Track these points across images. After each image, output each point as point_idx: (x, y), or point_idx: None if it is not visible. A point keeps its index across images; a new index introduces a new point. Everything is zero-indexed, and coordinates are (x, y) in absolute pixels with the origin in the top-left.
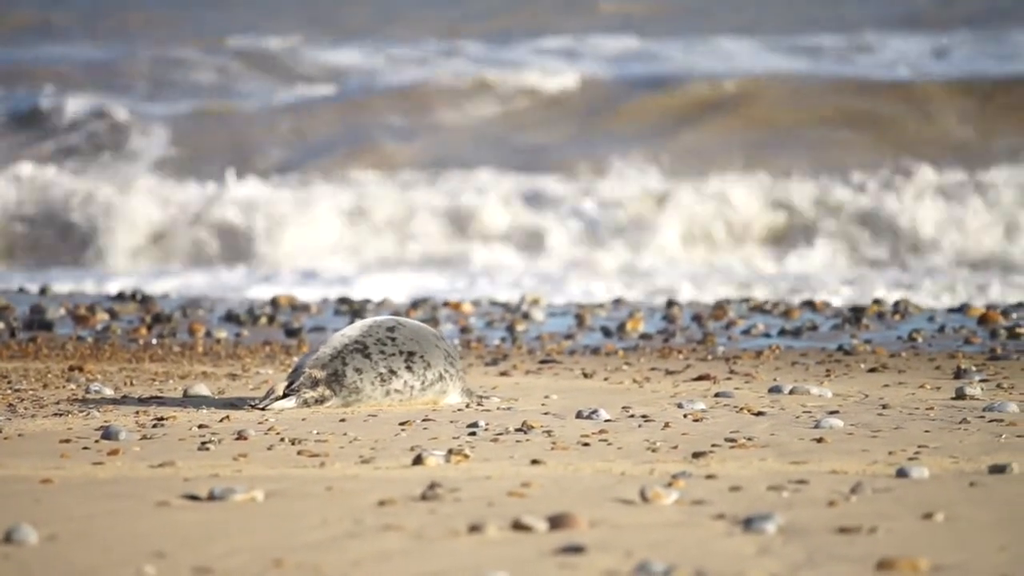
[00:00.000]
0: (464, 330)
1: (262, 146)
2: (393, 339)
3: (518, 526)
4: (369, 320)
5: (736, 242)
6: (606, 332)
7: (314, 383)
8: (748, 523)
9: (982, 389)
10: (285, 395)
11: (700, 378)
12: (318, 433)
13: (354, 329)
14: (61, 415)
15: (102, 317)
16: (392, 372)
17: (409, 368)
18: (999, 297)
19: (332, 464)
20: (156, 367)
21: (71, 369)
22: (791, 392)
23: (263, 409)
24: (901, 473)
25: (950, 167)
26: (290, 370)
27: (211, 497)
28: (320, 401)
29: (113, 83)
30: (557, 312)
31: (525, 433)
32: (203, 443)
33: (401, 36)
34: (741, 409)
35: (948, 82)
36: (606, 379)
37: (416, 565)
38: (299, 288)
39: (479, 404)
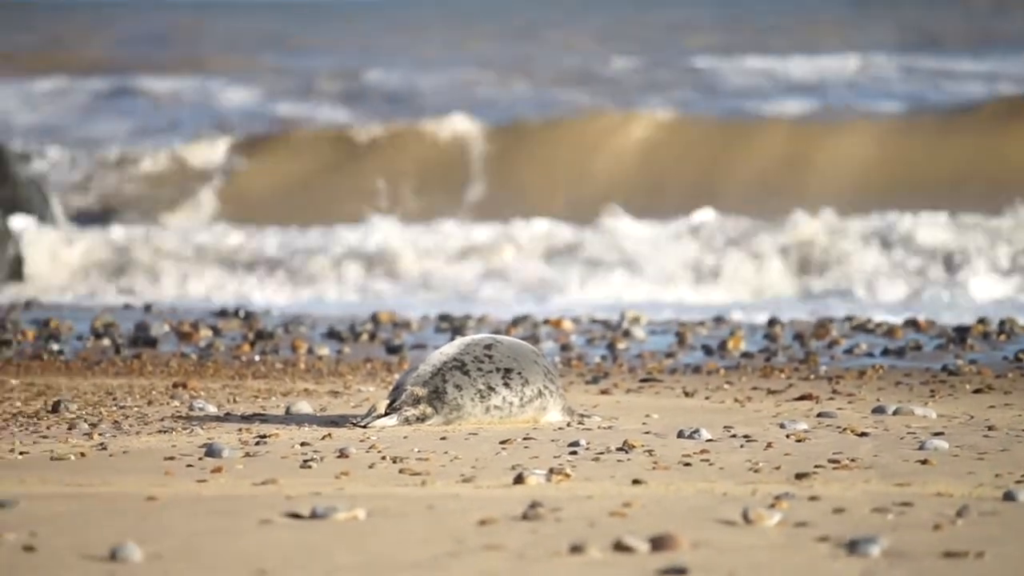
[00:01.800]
0: (564, 347)
1: None
2: (490, 356)
3: (620, 547)
4: (467, 338)
5: None
6: (707, 350)
7: (416, 401)
8: (852, 546)
9: None
10: (386, 413)
11: (802, 398)
12: (419, 451)
13: (452, 347)
14: (165, 432)
15: (205, 334)
16: (491, 388)
17: (507, 384)
18: None
19: (433, 482)
20: (259, 384)
21: (175, 386)
22: (895, 413)
23: (365, 427)
24: (1008, 496)
25: None
26: (391, 388)
27: (313, 515)
28: (421, 419)
29: None
30: (658, 330)
31: (626, 452)
32: (305, 461)
33: None
34: (844, 430)
35: None
36: (707, 398)
37: None
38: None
39: (580, 422)
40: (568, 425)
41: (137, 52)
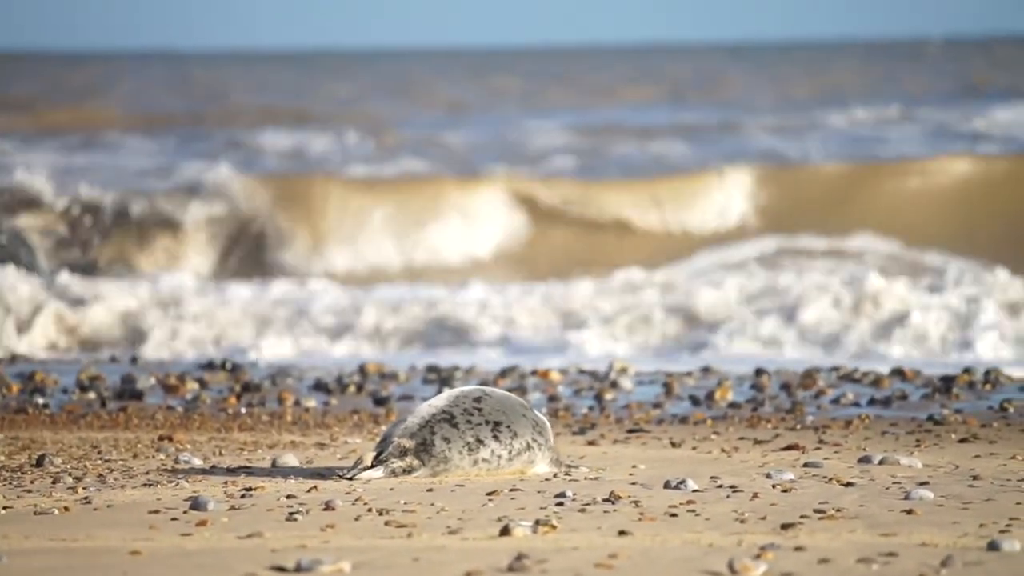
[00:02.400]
0: (552, 398)
1: None
2: (479, 409)
3: None
4: (456, 390)
5: None
6: (695, 401)
7: (403, 453)
8: None
9: None
10: (373, 465)
11: (789, 448)
12: (405, 503)
13: (441, 399)
14: (150, 485)
15: (192, 386)
16: (479, 441)
17: (496, 438)
18: None
19: (419, 535)
20: (245, 436)
21: (161, 439)
22: (881, 462)
23: (351, 479)
24: (992, 546)
25: None
26: (378, 439)
27: (298, 568)
28: (408, 471)
29: None
30: (645, 380)
31: (613, 503)
32: (291, 513)
33: None
34: (830, 480)
35: None
36: (694, 448)
37: None
38: None
39: (567, 474)
40: (555, 476)
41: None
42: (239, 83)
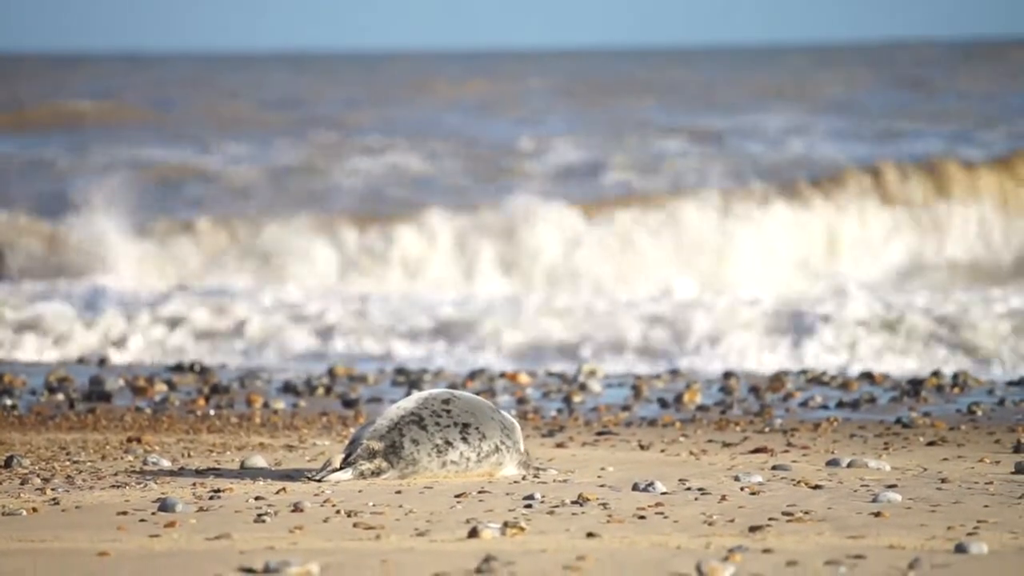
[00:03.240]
0: (521, 401)
1: None
2: (448, 411)
3: None
4: (424, 392)
5: None
6: (663, 403)
7: (371, 455)
8: None
9: None
10: (342, 467)
11: (757, 450)
12: (374, 505)
13: (409, 401)
14: (119, 487)
15: (160, 388)
16: (448, 443)
17: (465, 440)
18: None
19: (387, 537)
20: (214, 438)
21: (129, 440)
22: (849, 465)
23: (320, 480)
24: (960, 549)
25: None
26: (347, 441)
27: (266, 570)
28: (377, 473)
29: None
30: (614, 383)
31: (581, 505)
32: (259, 515)
33: None
34: (798, 482)
35: None
36: (663, 451)
37: None
38: None
39: (535, 476)
40: (524, 479)
41: None
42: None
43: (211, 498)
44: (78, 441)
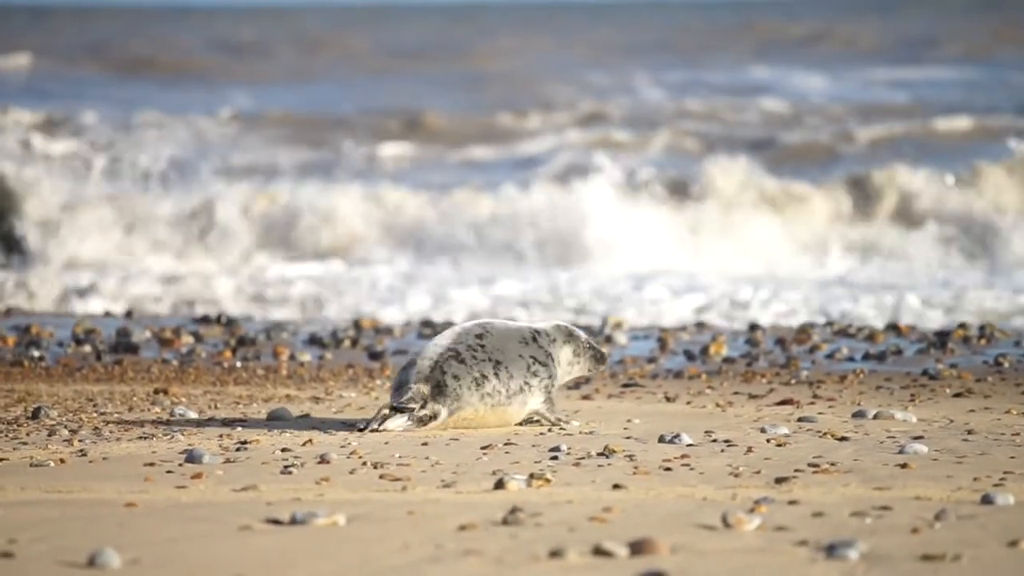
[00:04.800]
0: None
1: None
2: (483, 346)
3: (599, 551)
4: (458, 327)
5: None
6: (689, 356)
7: (423, 399)
8: (831, 550)
9: None
10: (393, 409)
11: (783, 402)
12: (400, 457)
13: (444, 337)
14: (146, 438)
15: (187, 340)
16: (484, 376)
17: (496, 375)
18: None
19: (414, 488)
20: (240, 390)
21: (156, 392)
22: (875, 417)
23: (379, 430)
24: (986, 500)
25: None
26: (392, 387)
27: (293, 521)
28: (433, 417)
29: None
30: (640, 335)
31: (607, 457)
32: (286, 467)
33: None
34: (824, 434)
35: None
36: (689, 403)
37: None
38: None
39: (558, 423)
40: (549, 430)
41: None
42: None
43: (238, 450)
44: (105, 392)
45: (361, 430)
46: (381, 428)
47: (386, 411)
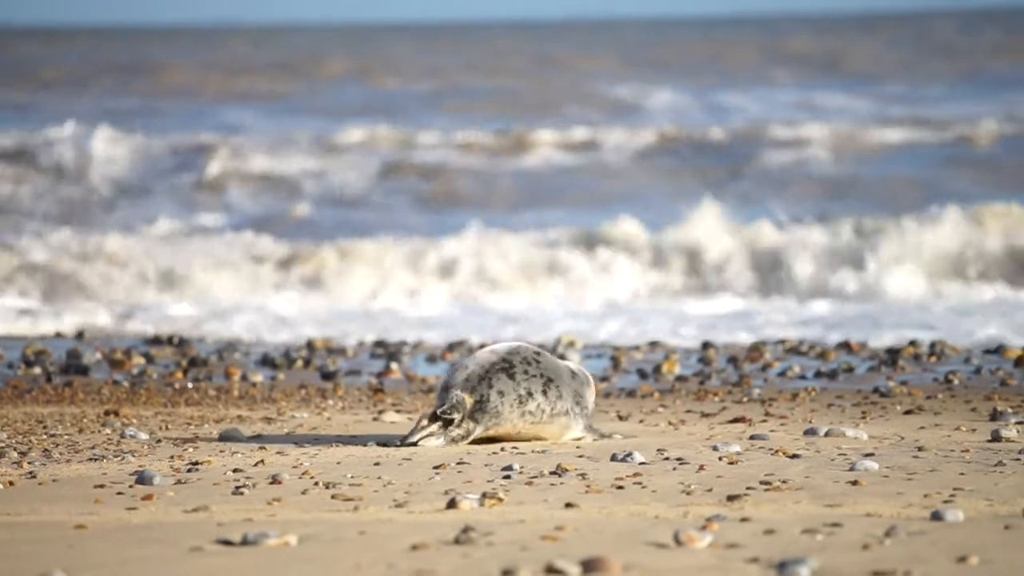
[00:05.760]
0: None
1: None
2: (539, 362)
3: (551, 570)
4: (514, 343)
5: None
6: (642, 374)
7: (463, 411)
8: (782, 567)
9: (1018, 431)
10: (434, 418)
11: (735, 420)
12: (352, 477)
13: (502, 347)
14: (96, 460)
15: (138, 361)
16: (530, 394)
17: (544, 393)
18: None
19: (366, 508)
20: (192, 411)
21: (107, 414)
22: (826, 434)
23: (415, 444)
24: (936, 516)
25: None
26: (438, 390)
27: (244, 542)
28: (466, 436)
29: None
30: (593, 354)
31: (559, 476)
32: (237, 487)
33: None
34: (776, 452)
35: None
36: (641, 421)
37: None
38: None
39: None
40: (590, 439)
41: None
42: None
43: (189, 471)
44: (55, 414)
45: (400, 445)
46: (418, 442)
47: (425, 421)
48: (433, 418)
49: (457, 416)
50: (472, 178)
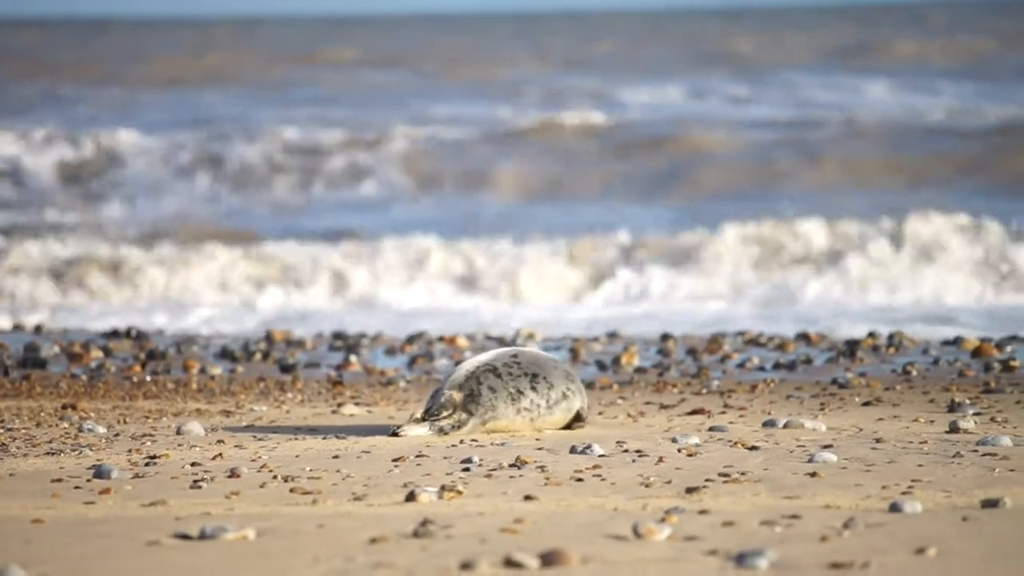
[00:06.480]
0: (459, 363)
1: None
2: (518, 363)
3: (510, 563)
4: (492, 351)
5: None
6: (601, 366)
7: (452, 406)
8: (740, 559)
9: (976, 423)
10: (424, 419)
11: (694, 412)
12: (311, 470)
13: (483, 355)
14: (53, 454)
15: (96, 355)
16: (520, 392)
17: (534, 388)
18: None
19: (324, 501)
20: (150, 404)
21: (64, 407)
22: (785, 426)
23: (399, 435)
24: (894, 508)
25: None
26: (428, 395)
27: (202, 536)
28: (458, 426)
29: None
30: (552, 346)
31: (519, 468)
32: (195, 481)
33: None
34: (735, 443)
35: None
36: (600, 413)
37: None
38: None
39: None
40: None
41: None
42: None
43: (147, 464)
44: (12, 408)
45: (391, 435)
46: (402, 433)
47: (417, 416)
48: (422, 419)
49: (445, 413)
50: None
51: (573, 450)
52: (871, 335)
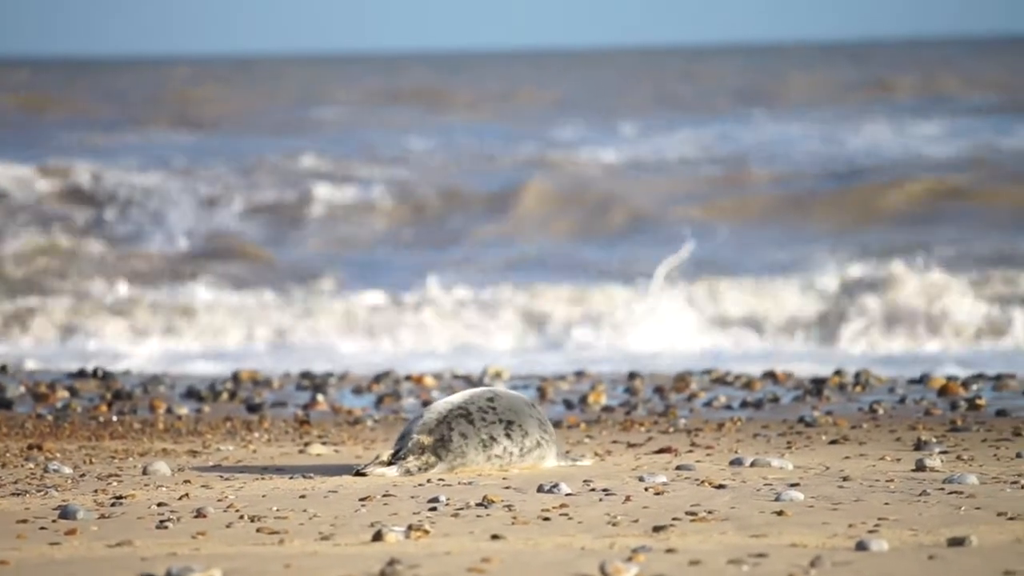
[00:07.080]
0: (426, 404)
1: None
2: (493, 408)
3: None
4: (468, 391)
5: None
6: (568, 405)
7: (421, 449)
8: None
9: (942, 461)
10: (391, 462)
11: (662, 451)
12: (277, 510)
13: (456, 396)
14: (19, 495)
15: (62, 395)
16: (493, 439)
17: (508, 436)
18: None
19: (291, 541)
20: (116, 444)
21: (30, 448)
22: (752, 464)
23: (364, 474)
24: (861, 546)
25: None
26: (397, 437)
27: None
28: (425, 469)
29: None
30: (520, 384)
31: (486, 507)
32: (162, 521)
33: None
34: (702, 482)
35: None
36: (568, 452)
37: None
38: None
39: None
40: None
41: None
42: None
43: (113, 505)
44: None
45: (357, 473)
46: (368, 473)
47: (384, 458)
48: (388, 463)
49: (412, 457)
50: None
51: (540, 489)
52: (837, 373)
